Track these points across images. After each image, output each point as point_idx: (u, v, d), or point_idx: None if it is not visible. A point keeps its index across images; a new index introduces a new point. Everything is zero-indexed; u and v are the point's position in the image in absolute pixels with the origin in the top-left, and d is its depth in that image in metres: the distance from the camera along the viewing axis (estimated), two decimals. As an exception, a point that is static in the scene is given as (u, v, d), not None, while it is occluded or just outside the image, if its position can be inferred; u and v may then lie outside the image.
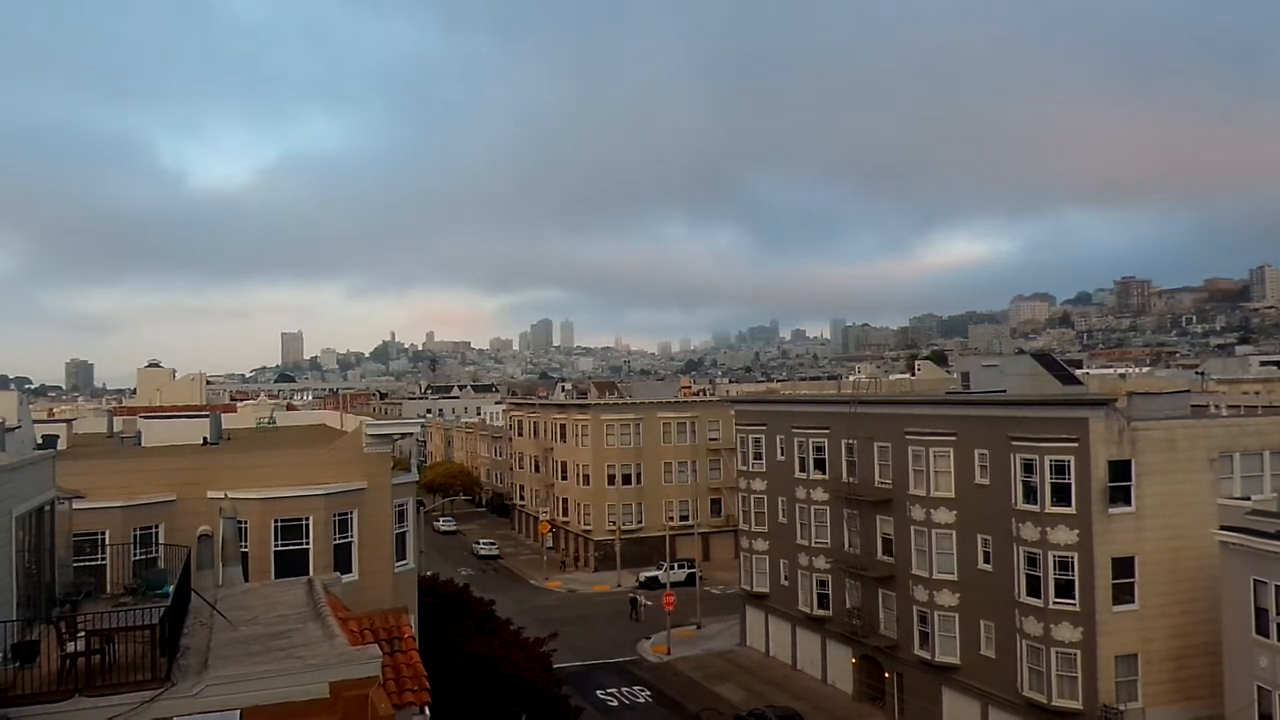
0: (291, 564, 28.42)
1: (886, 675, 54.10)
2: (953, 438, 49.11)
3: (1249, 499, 37.57)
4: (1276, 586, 33.28)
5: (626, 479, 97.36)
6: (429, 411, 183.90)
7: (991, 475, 46.41)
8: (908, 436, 51.57)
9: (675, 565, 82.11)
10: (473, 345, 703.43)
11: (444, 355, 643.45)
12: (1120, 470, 41.92)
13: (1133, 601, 41.90)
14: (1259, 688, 34.18)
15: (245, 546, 27.45)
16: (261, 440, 43.72)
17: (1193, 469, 42.70)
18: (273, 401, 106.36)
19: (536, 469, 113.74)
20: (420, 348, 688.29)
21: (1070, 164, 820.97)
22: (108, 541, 26.49)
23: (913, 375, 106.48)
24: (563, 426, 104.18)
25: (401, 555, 32.85)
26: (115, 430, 51.38)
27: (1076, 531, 42.02)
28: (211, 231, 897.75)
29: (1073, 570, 42.11)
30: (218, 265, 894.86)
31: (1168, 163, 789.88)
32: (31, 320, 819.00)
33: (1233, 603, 35.38)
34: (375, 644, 17.71)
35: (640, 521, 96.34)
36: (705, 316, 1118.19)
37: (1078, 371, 73.27)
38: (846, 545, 56.80)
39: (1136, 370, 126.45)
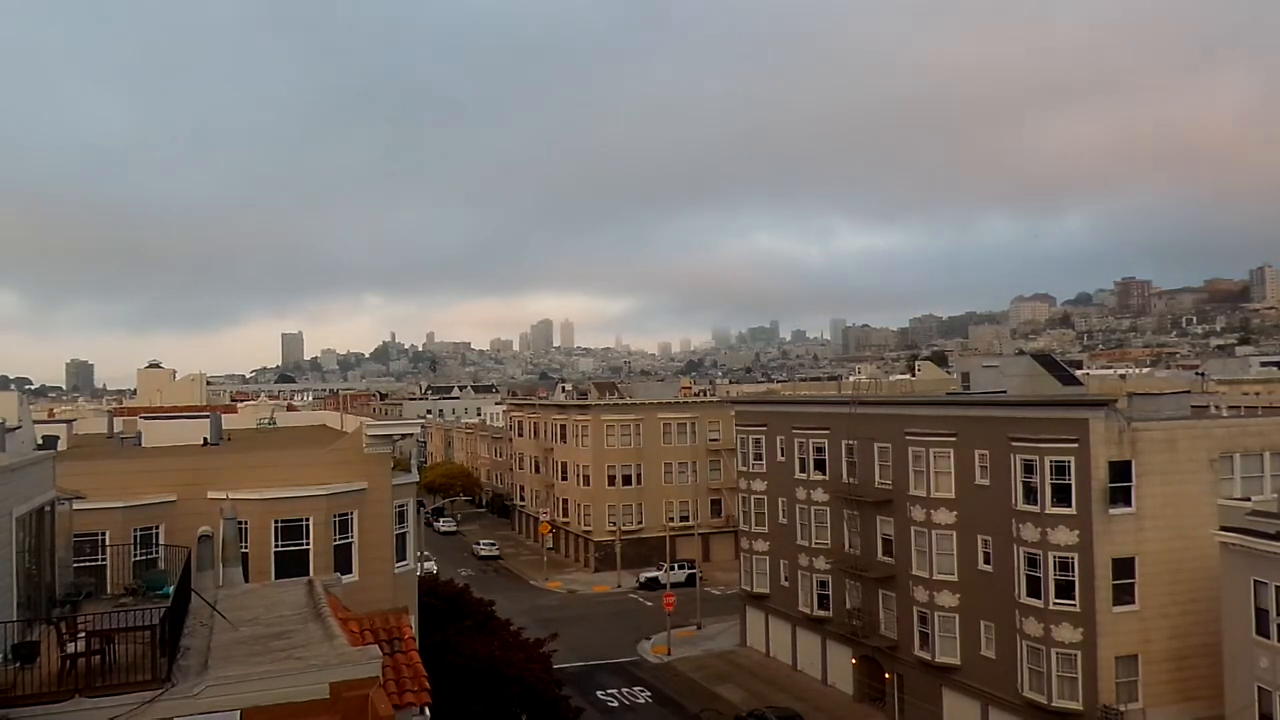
0: (292, 564, 28.42)
1: (887, 676, 54.09)
2: (953, 438, 49.10)
3: (1249, 500, 37.55)
4: (1276, 587, 33.28)
5: (627, 480, 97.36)
6: (429, 412, 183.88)
7: (992, 476, 46.40)
8: (908, 437, 51.56)
9: (675, 566, 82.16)
10: (473, 346, 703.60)
11: (444, 356, 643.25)
12: (1120, 471, 41.91)
13: (1133, 602, 41.89)
14: (1259, 688, 34.17)
15: (245, 547, 27.45)
16: (262, 441, 43.74)
17: (1193, 470, 42.69)
18: (273, 402, 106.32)
19: (537, 469, 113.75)
20: (420, 348, 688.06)
21: (1070, 163, 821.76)
22: (108, 542, 26.50)
23: (913, 376, 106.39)
24: (563, 427, 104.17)
25: (402, 556, 32.85)
26: (115, 431, 51.28)
27: (1077, 532, 42.01)
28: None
29: (1073, 571, 42.10)
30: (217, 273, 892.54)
31: (1168, 161, 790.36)
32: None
33: (1233, 603, 35.38)
34: (375, 644, 17.71)
35: (640, 522, 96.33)
36: (705, 316, 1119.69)
37: (1078, 372, 73.19)
38: (847, 546, 56.79)
39: (1137, 371, 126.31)
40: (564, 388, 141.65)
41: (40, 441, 36.26)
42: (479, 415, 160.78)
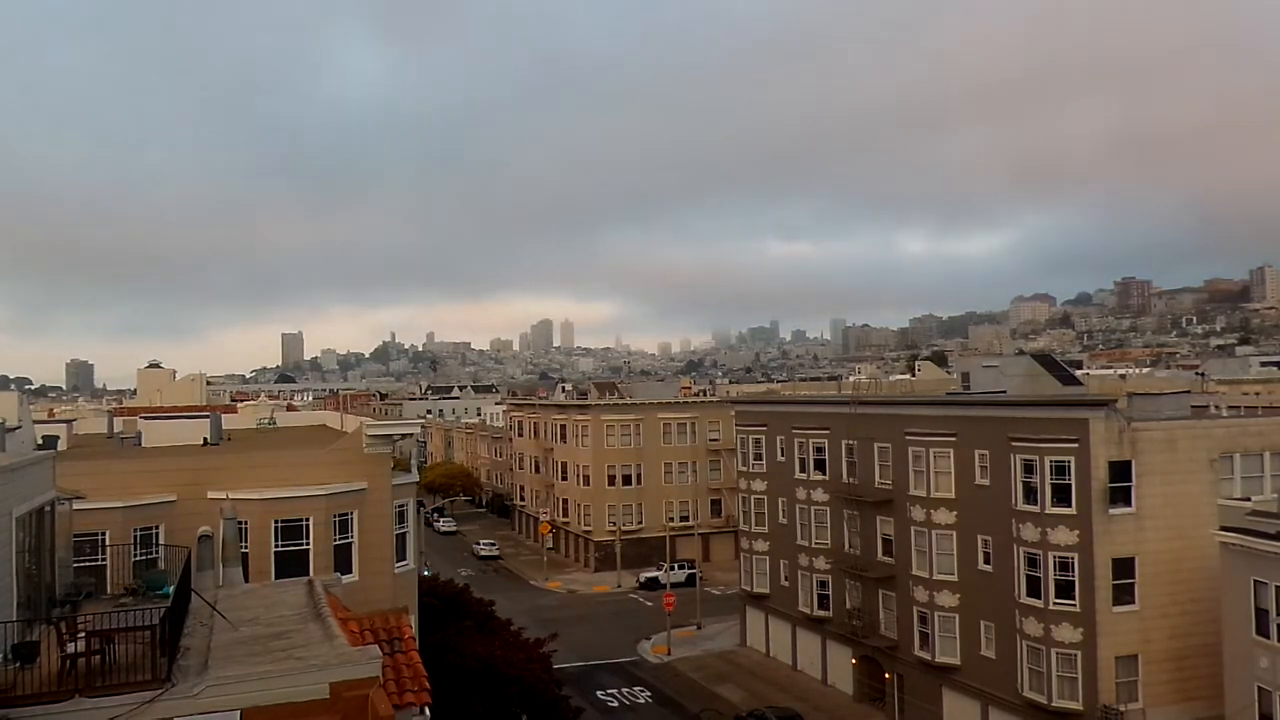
0: (292, 564, 28.43)
1: (887, 676, 54.09)
2: (953, 438, 49.10)
3: (1249, 500, 37.55)
4: (1276, 587, 33.29)
5: (627, 480, 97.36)
6: (429, 412, 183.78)
7: (992, 476, 46.40)
8: (908, 437, 51.56)
9: (675, 566, 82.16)
10: (473, 346, 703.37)
11: (444, 356, 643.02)
12: (1120, 471, 41.91)
13: (1133, 602, 41.89)
14: (1259, 688, 34.18)
15: (245, 547, 27.45)
16: (262, 441, 43.75)
17: (1193, 470, 42.69)
18: (273, 402, 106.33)
19: (537, 469, 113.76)
20: (420, 348, 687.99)
21: (1068, 162, 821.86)
22: (108, 542, 26.50)
23: (913, 376, 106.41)
24: (563, 427, 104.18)
25: (402, 556, 32.85)
26: (115, 431, 51.30)
27: (1077, 532, 42.01)
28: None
29: (1073, 571, 42.10)
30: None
31: (1168, 160, 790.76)
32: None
33: (1233, 603, 35.38)
34: (375, 644, 17.72)
35: (640, 522, 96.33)
36: (705, 317, 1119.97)
37: (1078, 372, 73.17)
38: (847, 546, 56.79)
39: (1137, 371, 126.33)
40: (564, 388, 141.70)
41: (40, 441, 36.28)
42: (479, 415, 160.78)
